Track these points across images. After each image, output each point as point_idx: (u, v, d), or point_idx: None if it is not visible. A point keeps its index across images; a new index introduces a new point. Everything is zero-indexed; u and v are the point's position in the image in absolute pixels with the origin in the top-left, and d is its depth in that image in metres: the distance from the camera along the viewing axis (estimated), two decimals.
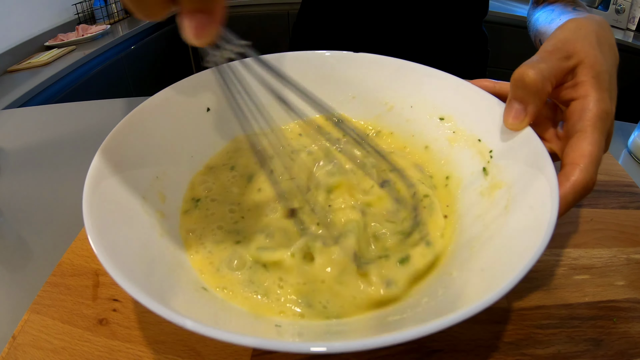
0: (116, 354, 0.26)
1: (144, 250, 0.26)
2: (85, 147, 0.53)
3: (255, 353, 0.26)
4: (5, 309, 0.33)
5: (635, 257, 0.34)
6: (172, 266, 0.27)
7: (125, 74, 1.67)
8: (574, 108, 0.28)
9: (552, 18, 0.43)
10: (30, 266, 0.38)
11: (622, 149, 0.55)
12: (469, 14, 0.68)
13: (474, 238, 0.28)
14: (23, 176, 0.49)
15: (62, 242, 0.37)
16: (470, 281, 0.24)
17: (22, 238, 0.41)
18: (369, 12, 0.67)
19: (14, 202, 0.45)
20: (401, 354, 0.26)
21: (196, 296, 0.25)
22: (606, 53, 0.29)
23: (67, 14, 1.69)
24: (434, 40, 0.68)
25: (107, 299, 0.30)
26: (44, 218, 0.43)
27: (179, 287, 0.25)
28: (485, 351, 0.26)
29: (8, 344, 0.27)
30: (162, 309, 0.19)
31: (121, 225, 0.26)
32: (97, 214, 0.24)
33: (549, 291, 0.31)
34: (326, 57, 0.41)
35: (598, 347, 0.27)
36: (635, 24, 1.71)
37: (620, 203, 0.40)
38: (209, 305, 0.25)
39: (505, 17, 1.68)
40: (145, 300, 0.19)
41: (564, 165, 0.27)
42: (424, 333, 0.17)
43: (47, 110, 0.66)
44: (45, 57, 1.41)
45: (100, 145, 0.29)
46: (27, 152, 0.53)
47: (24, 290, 0.35)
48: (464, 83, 0.36)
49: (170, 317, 0.19)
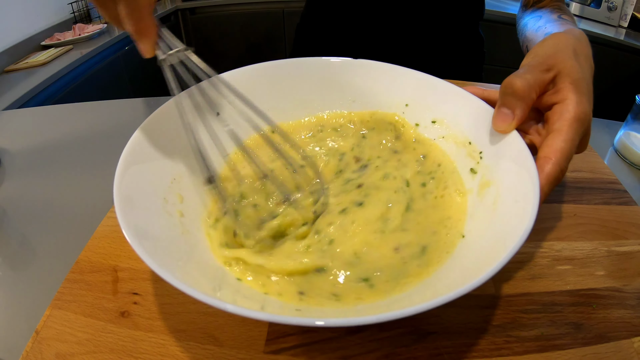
0: (140, 342, 0.28)
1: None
2: (88, 148, 0.55)
3: (270, 337, 0.28)
4: (19, 307, 0.34)
5: (615, 250, 0.37)
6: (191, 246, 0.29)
7: (123, 73, 1.67)
8: (555, 110, 0.31)
9: (538, 26, 0.46)
10: (39, 265, 0.38)
11: (608, 147, 0.57)
12: (466, 17, 0.70)
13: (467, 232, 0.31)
14: (27, 177, 0.50)
15: (70, 240, 0.39)
16: (466, 267, 0.26)
17: (27, 238, 0.41)
18: (370, 15, 0.68)
19: (19, 202, 0.46)
20: (400, 336, 0.28)
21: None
22: (582, 63, 0.32)
23: (63, 12, 1.69)
24: (432, 43, 0.70)
25: (127, 293, 0.31)
26: (49, 218, 0.43)
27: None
28: (475, 333, 0.29)
29: (32, 339, 0.28)
30: (207, 297, 0.21)
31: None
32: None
33: (533, 280, 0.33)
34: (328, 63, 0.43)
35: (578, 330, 0.30)
36: (627, 22, 1.73)
37: (604, 199, 0.43)
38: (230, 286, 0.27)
39: (498, 15, 1.70)
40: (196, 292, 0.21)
41: (539, 158, 0.30)
42: (425, 308, 0.20)
43: (49, 111, 0.66)
44: (43, 57, 1.41)
45: (126, 142, 0.32)
46: (30, 153, 0.54)
47: (31, 289, 0.36)
48: (456, 89, 0.38)
49: (211, 301, 0.21)
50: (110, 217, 0.39)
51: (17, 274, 0.38)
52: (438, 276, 0.28)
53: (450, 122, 0.38)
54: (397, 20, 0.67)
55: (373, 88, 0.43)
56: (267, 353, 0.27)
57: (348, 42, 0.72)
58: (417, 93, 0.41)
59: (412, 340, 0.28)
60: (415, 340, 0.28)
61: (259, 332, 0.28)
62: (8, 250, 0.41)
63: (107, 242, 0.36)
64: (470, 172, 0.35)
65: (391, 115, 0.42)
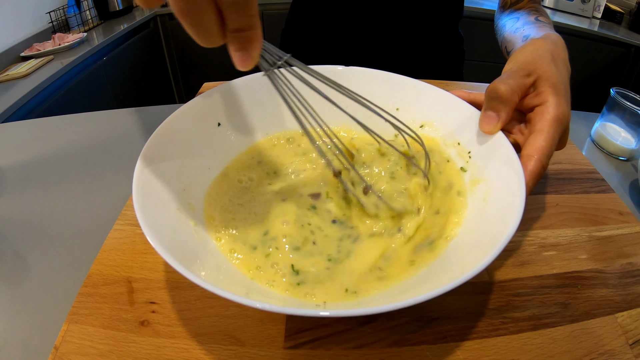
0: (163, 349, 0.28)
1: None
2: (81, 161, 0.53)
3: (288, 334, 0.30)
4: (31, 325, 0.33)
5: (595, 235, 0.40)
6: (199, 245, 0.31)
7: (104, 82, 1.65)
8: (536, 111, 0.34)
9: (516, 27, 0.49)
10: (43, 281, 0.38)
11: (586, 137, 0.60)
12: (446, 18, 0.72)
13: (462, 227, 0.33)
14: (21, 192, 0.48)
15: (75, 254, 0.39)
16: (463, 258, 0.29)
17: (21, 254, 0.40)
18: (353, 19, 0.70)
19: (16, 218, 0.44)
20: (407, 324, 0.31)
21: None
22: (560, 67, 0.35)
23: (41, 22, 1.65)
24: (415, 44, 0.72)
25: (144, 303, 0.32)
26: (49, 233, 0.43)
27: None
28: (474, 317, 0.32)
29: (51, 355, 0.28)
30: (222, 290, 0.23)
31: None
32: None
33: (522, 266, 0.36)
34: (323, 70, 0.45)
35: (566, 309, 0.32)
36: (600, 13, 1.77)
37: (583, 188, 0.46)
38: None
39: (475, 11, 1.74)
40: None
41: (522, 156, 0.32)
42: (433, 295, 0.22)
43: (37, 124, 0.64)
44: (24, 69, 1.38)
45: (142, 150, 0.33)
46: (21, 167, 0.52)
47: (40, 306, 0.35)
48: (444, 93, 0.41)
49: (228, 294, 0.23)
50: (116, 229, 0.39)
51: (18, 291, 0.37)
52: (435, 268, 0.30)
53: (439, 125, 0.41)
54: (381, 23, 0.69)
55: (366, 94, 0.45)
56: (286, 348, 0.29)
57: (332, 45, 0.74)
58: (407, 98, 0.43)
59: (418, 327, 0.31)
60: (421, 327, 0.31)
61: (277, 329, 0.30)
62: (7, 267, 0.40)
63: (117, 255, 0.36)
64: (461, 171, 0.37)
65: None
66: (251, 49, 0.25)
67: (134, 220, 0.40)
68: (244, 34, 0.25)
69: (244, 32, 0.25)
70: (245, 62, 0.26)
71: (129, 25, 1.79)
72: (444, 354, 0.29)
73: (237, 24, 0.24)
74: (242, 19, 0.24)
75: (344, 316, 0.22)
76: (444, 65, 0.77)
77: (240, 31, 0.24)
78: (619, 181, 0.52)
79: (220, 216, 0.36)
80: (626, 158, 0.56)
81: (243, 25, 0.24)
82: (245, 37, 0.25)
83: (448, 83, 0.66)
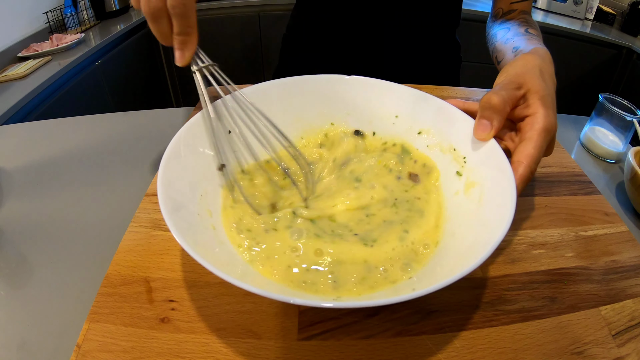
0: (184, 344, 0.30)
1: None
2: (84, 164, 0.54)
3: (301, 326, 0.32)
4: (49, 325, 0.34)
5: (582, 234, 0.42)
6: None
7: (102, 83, 1.65)
8: (526, 121, 0.37)
9: (507, 38, 0.52)
10: (55, 282, 0.38)
11: (575, 140, 0.63)
12: (444, 26, 0.74)
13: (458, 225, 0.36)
14: (27, 195, 0.49)
15: (89, 255, 0.40)
16: (460, 255, 0.31)
17: (24, 256, 0.41)
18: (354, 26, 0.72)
19: (20, 222, 0.45)
20: (409, 316, 0.33)
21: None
22: (547, 81, 0.38)
23: (37, 22, 1.65)
24: (413, 50, 0.74)
25: (163, 301, 0.33)
26: (54, 236, 0.43)
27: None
28: (469, 309, 0.34)
29: (74, 353, 0.29)
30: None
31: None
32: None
33: (513, 263, 0.39)
34: (323, 80, 0.48)
35: (553, 303, 0.35)
36: (592, 14, 1.77)
37: (571, 190, 0.48)
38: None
39: (468, 13, 1.75)
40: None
41: (513, 161, 0.35)
42: (432, 290, 0.25)
43: (38, 126, 0.64)
44: (22, 69, 1.37)
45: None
46: (25, 170, 0.52)
47: (56, 308, 0.36)
48: (440, 102, 0.43)
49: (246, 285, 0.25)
50: (131, 231, 0.40)
51: (29, 292, 0.38)
52: (434, 264, 0.33)
53: (436, 132, 0.43)
54: (380, 31, 0.71)
55: (366, 102, 0.47)
56: (300, 340, 0.31)
57: (332, 51, 0.76)
58: (406, 106, 0.45)
59: (418, 318, 0.33)
60: (422, 318, 0.33)
61: (291, 322, 0.32)
62: (16, 269, 0.40)
63: (134, 256, 0.37)
64: (457, 174, 0.40)
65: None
66: (186, 50, 0.36)
67: (147, 222, 0.41)
68: (182, 38, 0.36)
69: (182, 37, 0.35)
70: (181, 59, 0.37)
71: (126, 25, 1.79)
72: (442, 343, 0.32)
73: (178, 30, 0.35)
74: (182, 27, 0.35)
75: (358, 307, 0.25)
76: (441, 71, 0.79)
77: (179, 35, 0.35)
78: (607, 183, 0.54)
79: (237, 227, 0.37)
80: (614, 161, 0.59)
81: (182, 31, 0.35)
82: (183, 40, 0.36)
83: (445, 88, 0.68)
